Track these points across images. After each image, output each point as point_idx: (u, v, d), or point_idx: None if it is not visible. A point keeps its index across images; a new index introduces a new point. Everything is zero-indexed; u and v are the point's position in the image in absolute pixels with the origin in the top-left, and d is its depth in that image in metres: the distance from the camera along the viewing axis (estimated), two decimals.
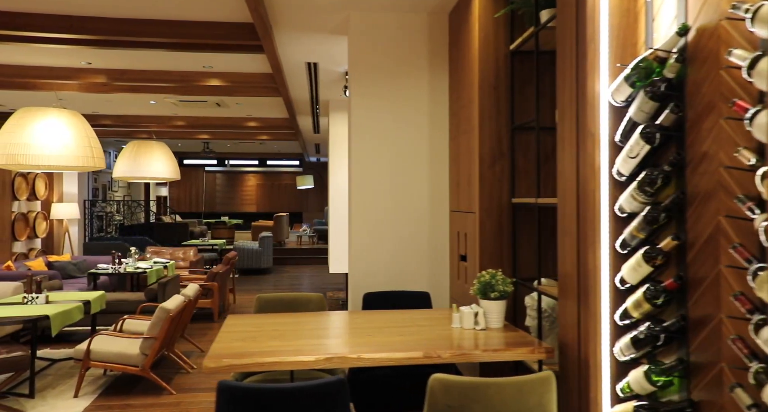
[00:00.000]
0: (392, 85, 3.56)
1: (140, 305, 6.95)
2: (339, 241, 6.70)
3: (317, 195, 18.62)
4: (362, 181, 3.50)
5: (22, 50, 4.88)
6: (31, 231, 9.16)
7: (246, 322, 2.55)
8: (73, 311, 5.52)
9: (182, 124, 8.73)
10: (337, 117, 6.66)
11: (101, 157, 5.64)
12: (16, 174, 8.71)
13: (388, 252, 3.49)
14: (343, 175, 6.69)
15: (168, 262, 8.99)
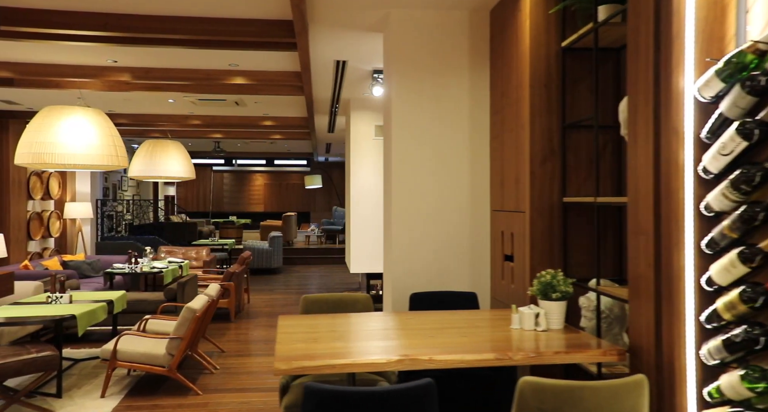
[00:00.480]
0: (432, 83, 3.52)
1: (159, 304, 6.92)
2: (360, 241, 6.67)
3: (325, 195, 18.59)
4: (403, 181, 3.46)
5: (48, 48, 4.84)
6: (45, 230, 9.13)
7: (300, 323, 2.51)
8: (98, 311, 5.49)
9: (198, 123, 8.70)
10: (359, 116, 6.63)
11: (124, 155, 5.61)
12: (31, 173, 8.68)
13: (429, 252, 3.45)
14: (365, 173, 6.66)
15: (183, 261, 8.96)
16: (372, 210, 6.67)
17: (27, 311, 5.16)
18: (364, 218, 6.66)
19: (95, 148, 5.28)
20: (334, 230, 16.54)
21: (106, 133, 5.43)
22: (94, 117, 5.41)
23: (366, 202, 6.67)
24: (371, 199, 6.67)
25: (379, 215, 6.67)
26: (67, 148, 5.14)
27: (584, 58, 2.88)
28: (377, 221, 6.68)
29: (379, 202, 6.67)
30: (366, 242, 6.66)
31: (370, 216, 6.66)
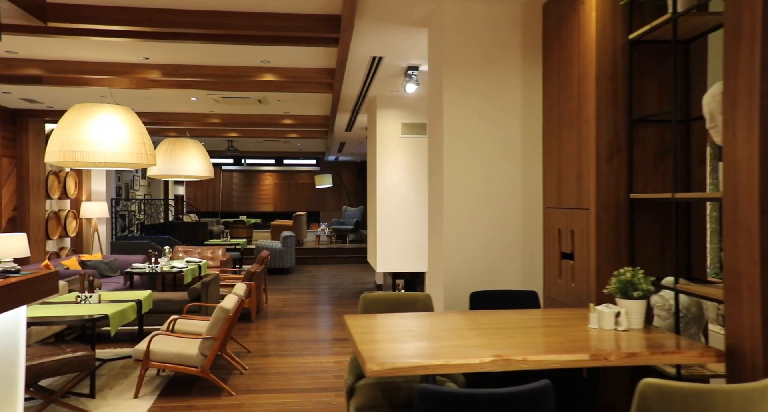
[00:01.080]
0: (482, 79, 3.46)
1: (183, 304, 6.85)
2: (386, 240, 6.60)
3: (335, 194, 18.53)
4: (454, 179, 3.39)
5: (79, 45, 4.77)
6: (62, 230, 9.06)
7: (369, 323, 2.44)
8: (128, 311, 5.42)
9: (216, 122, 8.63)
10: (385, 113, 6.56)
11: (153, 154, 5.55)
12: (49, 172, 8.62)
13: (480, 251, 3.39)
14: (391, 172, 6.59)
15: (201, 261, 8.90)
16: (398, 208, 6.60)
17: (59, 311, 5.10)
18: (390, 216, 6.60)
19: (126, 147, 5.22)
20: (344, 230, 16.48)
21: (135, 131, 5.36)
22: (124, 115, 5.35)
23: (392, 200, 6.60)
24: (397, 198, 6.61)
25: (405, 213, 6.60)
26: (98, 147, 5.08)
27: (651, 51, 2.82)
28: (403, 220, 6.62)
29: (405, 201, 6.60)
30: (392, 240, 6.60)
31: (395, 215, 6.60)
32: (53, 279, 3.50)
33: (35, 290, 3.30)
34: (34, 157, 8.15)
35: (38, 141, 8.24)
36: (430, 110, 3.85)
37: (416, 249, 6.61)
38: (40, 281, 3.35)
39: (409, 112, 6.59)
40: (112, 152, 5.14)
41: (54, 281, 3.53)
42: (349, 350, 6.58)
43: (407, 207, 6.60)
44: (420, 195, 6.59)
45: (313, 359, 6.03)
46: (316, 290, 10.83)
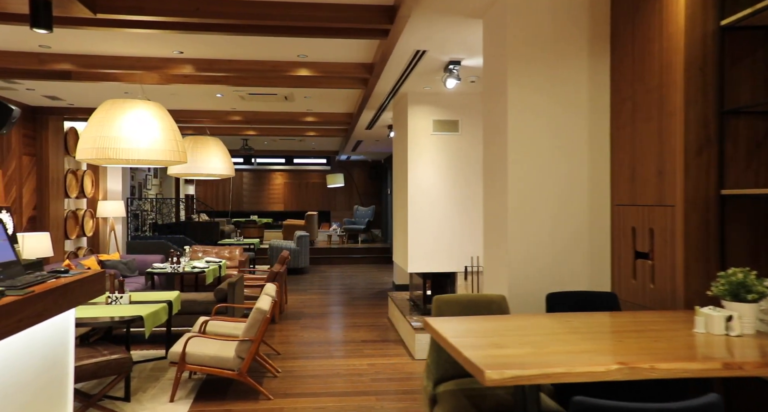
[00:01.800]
0: (547, 71, 3.30)
1: (208, 305, 6.70)
2: (418, 239, 6.45)
3: (346, 194, 18.39)
4: (520, 177, 3.24)
5: (113, 39, 4.63)
6: (79, 229, 8.92)
7: (458, 326, 2.29)
8: (161, 312, 5.28)
9: (237, 120, 8.48)
10: (417, 110, 6.42)
11: (184, 151, 5.41)
12: (67, 171, 8.47)
13: (545, 251, 3.24)
14: (423, 170, 6.45)
15: (221, 261, 8.76)
16: (430, 207, 6.45)
17: (92, 312, 4.96)
18: (421, 215, 6.45)
19: (158, 144, 5.07)
20: (356, 230, 16.34)
21: (168, 128, 5.22)
22: (157, 111, 5.20)
23: (423, 199, 6.45)
24: (428, 196, 6.46)
25: (436, 212, 6.45)
26: (131, 143, 4.93)
27: (745, 38, 2.67)
28: (435, 219, 6.47)
29: (437, 200, 6.46)
30: (423, 240, 6.45)
31: (427, 213, 6.45)
32: (101, 279, 3.36)
33: (87, 291, 3.15)
34: (54, 155, 8.00)
35: (57, 139, 8.10)
36: (487, 106, 3.70)
37: (447, 249, 6.46)
38: (91, 282, 3.21)
39: (440, 109, 6.44)
40: (146, 149, 5.00)
41: (102, 281, 3.38)
42: (381, 352, 6.44)
43: (439, 206, 6.45)
44: (451, 193, 6.45)
45: (345, 362, 5.88)
46: (334, 290, 10.68)
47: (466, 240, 6.46)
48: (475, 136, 6.46)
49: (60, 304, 2.83)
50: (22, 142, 7.43)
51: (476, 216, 6.46)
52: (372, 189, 18.40)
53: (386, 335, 7.01)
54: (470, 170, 6.47)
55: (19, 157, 7.32)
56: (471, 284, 6.44)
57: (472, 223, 6.46)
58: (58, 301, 2.79)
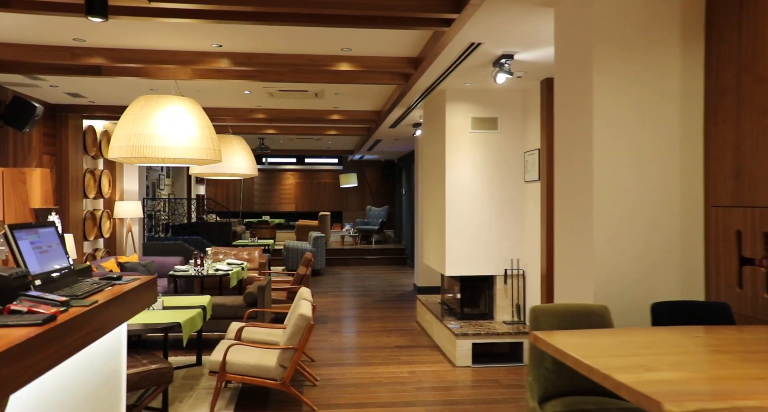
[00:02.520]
0: (635, 62, 3.07)
1: (237, 309, 6.47)
2: (456, 241, 6.22)
3: (358, 194, 18.16)
4: (607, 177, 3.01)
5: (151, 32, 4.40)
6: (97, 231, 8.69)
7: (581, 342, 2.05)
8: (197, 318, 5.06)
9: (261, 118, 8.25)
10: (455, 108, 6.19)
11: (219, 150, 5.18)
12: (86, 170, 8.24)
13: (634, 257, 3.00)
14: (462, 169, 6.22)
15: (242, 263, 8.54)
16: (468, 208, 6.23)
17: None
18: (459, 216, 6.22)
19: (195, 141, 4.85)
20: (369, 230, 16.13)
21: (204, 125, 5.00)
22: (192, 108, 4.98)
23: (462, 199, 6.23)
24: (467, 196, 6.23)
25: (475, 213, 6.23)
26: (167, 141, 4.71)
27: None
28: (473, 220, 6.24)
29: (475, 200, 6.23)
30: (461, 242, 6.23)
31: (465, 214, 6.23)
32: (154, 287, 3.13)
33: (142, 299, 2.93)
34: (73, 154, 7.78)
35: (77, 137, 7.87)
36: (564, 101, 3.47)
37: (485, 251, 6.23)
38: (146, 289, 2.98)
39: (479, 106, 6.21)
40: (182, 147, 4.77)
41: (155, 288, 3.16)
42: (418, 358, 6.22)
43: (477, 206, 6.22)
44: (490, 193, 6.22)
45: (384, 369, 5.66)
46: (354, 292, 10.46)
47: (505, 242, 6.24)
48: (515, 134, 6.24)
49: (120, 315, 2.61)
50: (43, 141, 7.21)
51: (516, 217, 6.24)
52: (385, 189, 18.18)
53: (419, 340, 6.79)
54: (509, 169, 6.24)
55: (40, 156, 7.10)
56: (511, 287, 6.22)
57: (512, 224, 6.24)
58: (118, 311, 2.57)
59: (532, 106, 5.96)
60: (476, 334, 5.75)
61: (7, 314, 1.99)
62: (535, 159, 5.87)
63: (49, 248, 2.56)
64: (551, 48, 4.50)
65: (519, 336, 5.80)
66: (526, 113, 6.16)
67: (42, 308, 2.05)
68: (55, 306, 2.09)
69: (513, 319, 6.21)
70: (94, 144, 8.57)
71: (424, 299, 7.73)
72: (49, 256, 2.52)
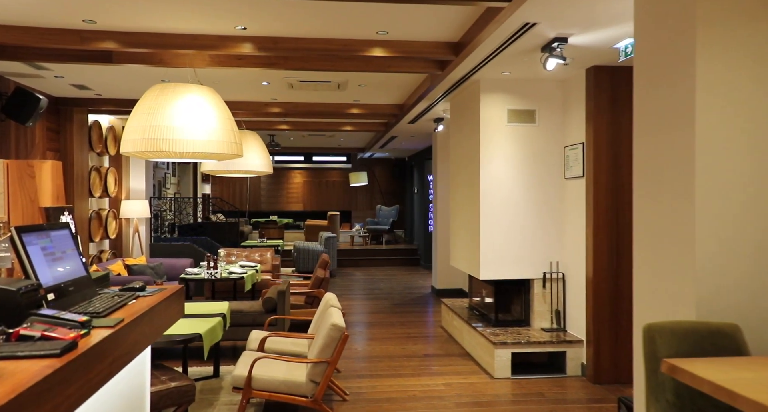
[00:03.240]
0: (749, 45, 2.62)
1: (256, 316, 6.04)
2: (492, 242, 5.80)
3: (367, 193, 17.74)
4: (713, 168, 2.57)
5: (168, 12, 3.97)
6: (103, 231, 8.26)
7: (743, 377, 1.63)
8: (217, 328, 4.63)
9: (275, 112, 7.83)
10: (491, 99, 5.77)
11: (240, 143, 4.76)
12: (91, 168, 7.82)
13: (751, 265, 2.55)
14: (497, 164, 5.80)
15: (256, 266, 8.12)
16: (504, 206, 5.80)
17: None
18: (495, 215, 5.80)
19: (216, 134, 4.43)
20: (379, 230, 15.70)
21: (225, 117, 4.58)
22: (212, 98, 4.56)
23: (497, 197, 5.80)
24: (502, 194, 5.81)
25: (510, 212, 5.81)
26: (186, 134, 4.28)
27: None
28: (509, 220, 5.82)
29: (509, 198, 5.81)
30: (496, 243, 5.80)
31: (502, 213, 5.80)
32: (181, 298, 2.71)
33: (170, 314, 2.50)
34: (78, 151, 7.35)
35: (82, 133, 7.44)
36: (651, 87, 3.03)
37: (521, 253, 5.81)
38: (174, 302, 2.55)
39: (516, 98, 5.79)
40: (202, 141, 4.35)
41: (182, 299, 2.73)
42: (452, 369, 5.79)
43: (513, 205, 5.80)
44: (527, 191, 5.80)
45: (417, 381, 5.23)
46: (370, 295, 10.03)
47: (543, 243, 5.82)
48: (554, 128, 5.81)
49: (148, 334, 2.18)
50: (47, 137, 6.78)
51: (555, 216, 5.81)
52: (395, 188, 17.76)
53: (448, 348, 6.37)
54: (548, 165, 5.82)
55: (44, 152, 6.67)
56: (550, 292, 5.79)
57: (551, 223, 5.82)
58: (146, 330, 2.14)
59: (574, 98, 5.54)
60: (516, 343, 5.33)
61: (15, 340, 1.57)
62: (577, 154, 5.44)
63: (63, 254, 2.13)
64: (609, 30, 4.08)
65: (561, 345, 5.38)
66: (566, 105, 5.74)
67: (58, 331, 1.62)
68: (75, 329, 1.67)
69: (552, 326, 5.79)
70: (100, 140, 8.15)
71: (450, 303, 7.31)
72: (62, 264, 2.10)
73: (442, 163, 9.81)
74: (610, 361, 5.10)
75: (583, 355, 5.35)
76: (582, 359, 5.35)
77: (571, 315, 5.63)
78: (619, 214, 5.13)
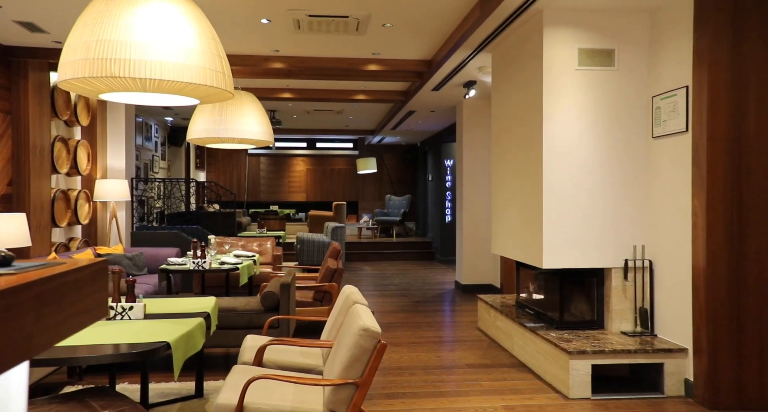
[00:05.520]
0: None
1: (253, 316, 4.70)
2: (559, 225, 4.49)
3: (375, 182, 16.41)
4: None
5: None
6: (72, 215, 6.93)
7: None
8: (196, 334, 3.29)
9: (278, 68, 6.50)
10: (557, 35, 4.45)
11: (231, 75, 3.43)
12: (56, 138, 6.49)
13: None
14: (566, 123, 4.48)
15: (253, 255, 6.81)
16: (573, 176, 4.49)
17: (87, 334, 2.98)
18: (562, 187, 4.48)
19: (194, 57, 3.09)
20: (389, 222, 14.36)
21: (206, 35, 3.24)
22: (188, 8, 3.22)
23: (565, 164, 4.49)
24: (572, 160, 4.50)
25: (583, 187, 4.50)
26: (149, 53, 2.95)
27: None
28: (582, 193, 4.51)
29: (584, 164, 4.50)
30: (565, 223, 4.49)
31: (571, 185, 4.49)
32: (99, 281, 1.38)
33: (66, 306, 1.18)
34: (36, 116, 6.03)
35: (41, 94, 6.12)
36: None
37: (594, 236, 4.49)
38: (73, 288, 1.22)
39: (589, 34, 4.47)
40: (173, 64, 3.01)
41: (100, 283, 1.40)
42: (507, 384, 4.44)
43: (586, 174, 4.48)
44: (604, 156, 4.48)
45: (468, 403, 3.89)
46: (387, 292, 8.71)
47: (623, 221, 4.50)
48: (638, 72, 4.50)
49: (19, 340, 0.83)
50: None
51: (639, 186, 4.51)
52: (406, 176, 16.43)
53: (495, 356, 5.04)
54: (629, 121, 4.50)
55: None
56: (633, 284, 4.47)
57: (633, 196, 4.51)
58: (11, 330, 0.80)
59: (669, 31, 4.22)
60: (598, 351, 4.01)
61: None
62: (676, 104, 4.12)
63: None
64: None
65: (657, 355, 4.06)
66: (656, 42, 4.41)
67: None
68: None
69: (635, 329, 4.47)
70: (68, 106, 6.82)
71: (489, 299, 5.99)
72: None
73: (470, 138, 8.49)
74: (731, 379, 3.78)
75: (687, 369, 4.02)
76: (687, 374, 4.03)
77: (663, 315, 4.31)
78: (743, 179, 3.80)
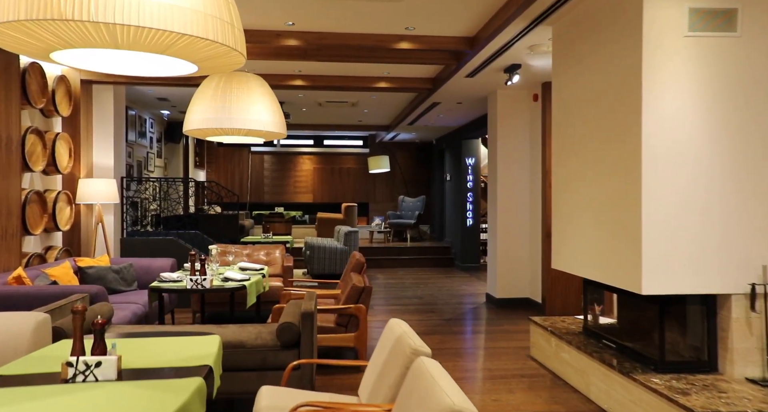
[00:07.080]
0: None
1: (268, 354, 3.65)
2: (666, 235, 3.47)
3: (387, 182, 15.38)
4: None
5: None
6: (49, 220, 5.90)
7: None
8: (192, 408, 2.25)
9: (291, 47, 5.48)
10: (662, 16, 3.42)
11: (242, 30, 2.40)
12: (28, 130, 5.47)
13: None
14: (671, 101, 3.46)
15: (261, 268, 5.80)
16: (684, 181, 3.46)
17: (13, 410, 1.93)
18: (666, 196, 3.46)
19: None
20: (403, 225, 13.33)
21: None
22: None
23: (671, 164, 3.46)
24: (681, 156, 3.47)
25: (698, 185, 3.48)
26: None
27: None
28: (694, 199, 3.49)
29: (697, 161, 3.47)
30: (672, 237, 3.46)
31: (679, 193, 3.46)
32: None
33: None
34: (3, 102, 5.00)
35: (7, 77, 5.10)
36: None
37: (704, 252, 3.46)
38: None
39: None
40: (157, 3, 1.99)
41: None
42: None
43: (699, 174, 3.45)
44: (721, 150, 3.46)
45: None
46: (409, 306, 7.67)
47: (747, 236, 3.47)
48: (766, 39, 3.47)
49: None
50: None
51: None
52: (420, 176, 15.40)
53: (566, 400, 4.01)
54: (756, 103, 3.47)
55: None
56: (764, 316, 3.43)
57: (761, 205, 3.47)
58: None
59: None
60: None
61: None
62: None
63: None
64: None
65: None
66: None
67: None
68: None
69: (765, 375, 3.44)
70: (43, 93, 5.79)
71: (546, 323, 4.96)
72: None
73: (506, 133, 7.48)
74: None
75: None
76: None
77: None
78: None
